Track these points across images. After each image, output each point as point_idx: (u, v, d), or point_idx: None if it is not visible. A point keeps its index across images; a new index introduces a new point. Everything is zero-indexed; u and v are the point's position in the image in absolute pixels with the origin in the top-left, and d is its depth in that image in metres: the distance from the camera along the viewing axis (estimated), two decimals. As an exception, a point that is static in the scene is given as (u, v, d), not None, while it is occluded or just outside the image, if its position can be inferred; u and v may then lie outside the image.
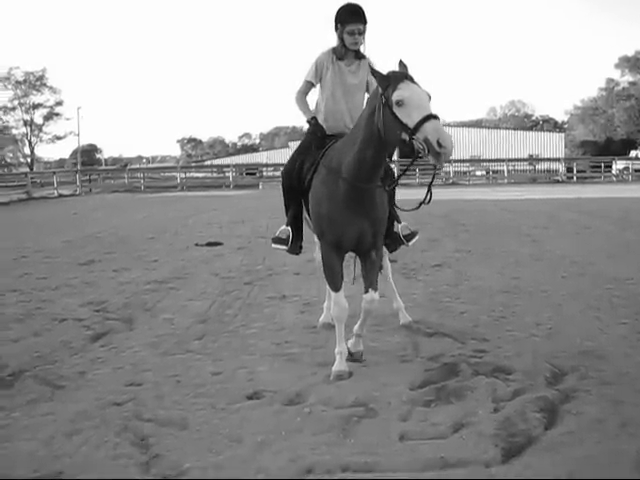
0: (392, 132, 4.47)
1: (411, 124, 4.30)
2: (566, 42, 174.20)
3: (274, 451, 3.84)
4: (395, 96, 4.40)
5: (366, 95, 5.53)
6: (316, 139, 5.43)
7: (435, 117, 4.29)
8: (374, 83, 4.94)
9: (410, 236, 5.68)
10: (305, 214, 5.59)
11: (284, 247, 5.59)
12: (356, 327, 5.44)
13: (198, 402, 4.61)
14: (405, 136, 4.36)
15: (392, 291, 6.53)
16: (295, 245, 5.62)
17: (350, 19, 5.34)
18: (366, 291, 5.21)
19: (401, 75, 4.53)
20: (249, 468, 3.65)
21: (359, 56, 5.54)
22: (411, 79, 4.52)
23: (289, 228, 5.56)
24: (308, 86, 5.62)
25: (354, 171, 4.83)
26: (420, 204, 4.93)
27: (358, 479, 3.53)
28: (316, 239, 5.76)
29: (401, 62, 4.68)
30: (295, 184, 5.45)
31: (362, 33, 5.40)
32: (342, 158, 4.95)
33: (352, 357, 5.35)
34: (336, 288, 5.17)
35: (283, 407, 4.51)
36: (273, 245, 5.68)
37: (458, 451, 3.75)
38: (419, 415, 4.30)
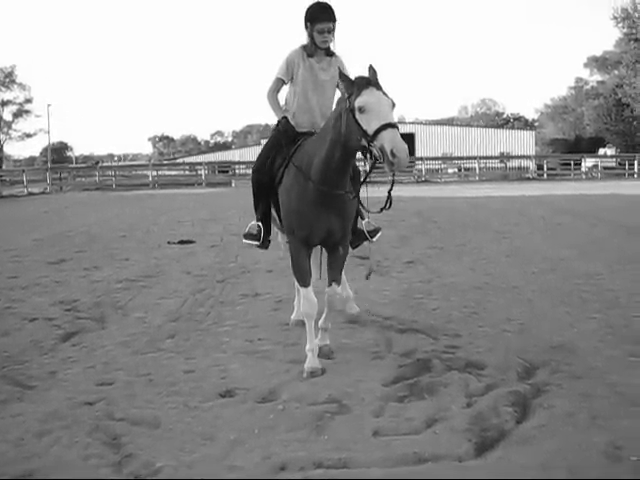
0: (353, 137, 4.55)
1: (370, 131, 4.39)
2: (536, 41, 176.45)
3: (247, 449, 3.83)
4: (358, 102, 4.47)
5: (337, 92, 5.54)
6: (286, 137, 5.45)
7: (393, 126, 4.36)
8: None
9: (374, 232, 5.73)
10: (273, 210, 5.62)
11: (256, 242, 5.65)
12: (321, 321, 5.54)
13: (170, 401, 4.58)
14: (365, 142, 4.45)
15: (343, 281, 6.54)
16: (265, 240, 5.67)
17: (319, 18, 5.38)
18: (329, 284, 5.33)
19: (366, 81, 4.59)
20: (222, 466, 3.63)
21: (329, 53, 5.58)
22: (376, 85, 4.58)
23: (259, 224, 5.61)
24: (279, 83, 5.64)
25: (321, 175, 4.90)
26: (381, 209, 4.99)
27: (332, 476, 3.53)
28: (280, 235, 6.04)
29: (371, 67, 4.74)
30: (266, 181, 5.48)
31: (331, 31, 5.44)
32: (311, 159, 5.01)
33: (320, 352, 5.36)
34: (305, 284, 5.22)
35: (256, 404, 4.50)
36: (244, 241, 5.74)
37: (432, 446, 3.77)
38: (392, 411, 4.31)
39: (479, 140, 64.29)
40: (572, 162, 46.20)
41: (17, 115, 64.89)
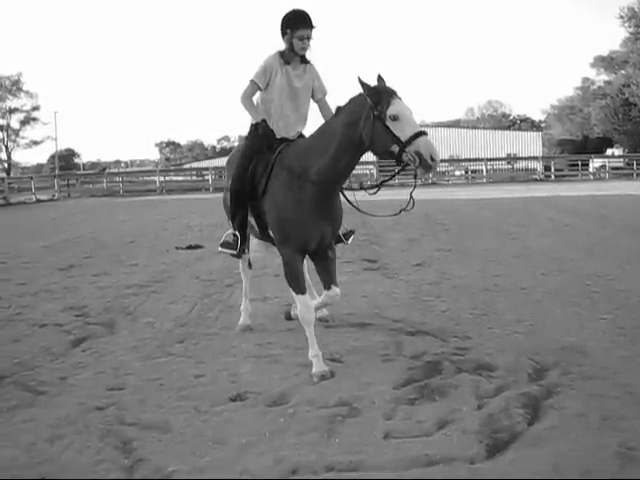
0: (382, 144, 4.72)
1: (404, 138, 4.60)
2: (542, 42, 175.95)
3: (258, 452, 3.83)
4: (390, 111, 4.65)
5: (310, 99, 5.78)
6: (267, 142, 5.49)
7: (426, 133, 4.62)
8: (318, 88, 5.63)
9: (348, 234, 5.85)
10: (251, 219, 5.66)
11: (233, 251, 5.74)
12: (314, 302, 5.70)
13: (181, 405, 4.59)
14: (395, 148, 4.65)
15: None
16: (241, 249, 5.75)
17: (300, 25, 5.45)
18: (328, 287, 5.41)
19: (391, 91, 4.80)
20: (233, 470, 3.64)
21: (304, 61, 5.66)
22: (398, 95, 4.78)
23: (236, 232, 5.68)
24: (255, 88, 5.65)
25: (327, 175, 5.00)
26: (400, 210, 5.21)
27: (343, 478, 3.53)
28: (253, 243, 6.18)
29: (380, 77, 4.92)
30: (246, 189, 5.50)
31: (310, 38, 5.51)
32: (308, 162, 5.08)
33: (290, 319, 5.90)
34: (302, 291, 5.25)
35: (266, 408, 4.50)
36: (220, 249, 5.88)
37: (443, 448, 3.77)
38: (403, 413, 4.31)
39: (486, 142, 64.25)
40: (580, 163, 46.01)
41: (24, 123, 65.19)
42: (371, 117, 4.71)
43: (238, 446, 3.92)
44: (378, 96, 4.71)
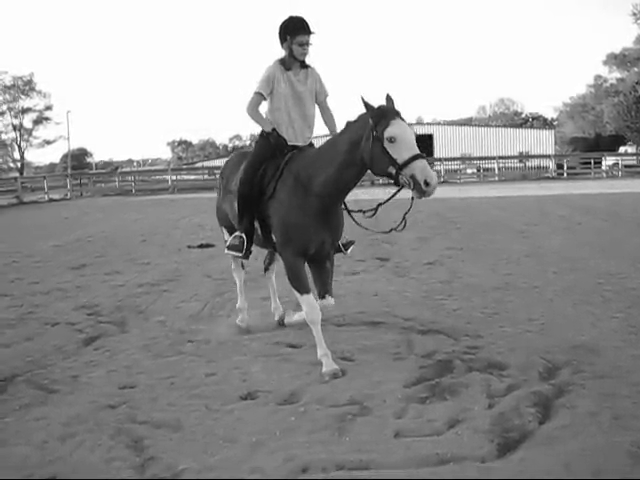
0: (380, 164, 4.75)
1: (400, 160, 4.62)
2: (554, 39, 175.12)
3: (269, 451, 3.84)
4: (387, 132, 4.67)
5: (315, 104, 5.82)
6: (279, 150, 5.56)
7: (423, 157, 4.62)
8: (320, 91, 5.65)
9: (348, 244, 5.88)
10: (255, 222, 5.70)
11: (240, 253, 5.77)
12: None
13: (192, 403, 4.61)
14: (392, 170, 4.67)
15: (273, 291, 6.89)
16: (247, 251, 5.79)
17: (300, 31, 5.50)
18: (323, 297, 5.46)
19: (393, 112, 4.80)
20: (244, 468, 3.65)
21: (304, 66, 5.69)
22: (401, 116, 4.78)
23: (243, 235, 5.71)
24: (260, 98, 5.69)
25: (329, 190, 5.09)
26: (391, 229, 5.31)
27: (354, 478, 3.53)
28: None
29: (388, 96, 4.95)
30: (255, 193, 5.54)
31: (309, 44, 5.56)
32: (314, 173, 5.15)
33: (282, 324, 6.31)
34: (306, 291, 5.30)
35: (277, 407, 4.51)
36: (227, 251, 5.91)
37: (453, 447, 3.76)
38: (414, 412, 4.31)
39: (498, 140, 63.91)
40: (592, 161, 45.61)
41: (37, 122, 65.44)
42: (371, 138, 4.75)
43: (249, 444, 3.93)
44: (379, 117, 4.74)
